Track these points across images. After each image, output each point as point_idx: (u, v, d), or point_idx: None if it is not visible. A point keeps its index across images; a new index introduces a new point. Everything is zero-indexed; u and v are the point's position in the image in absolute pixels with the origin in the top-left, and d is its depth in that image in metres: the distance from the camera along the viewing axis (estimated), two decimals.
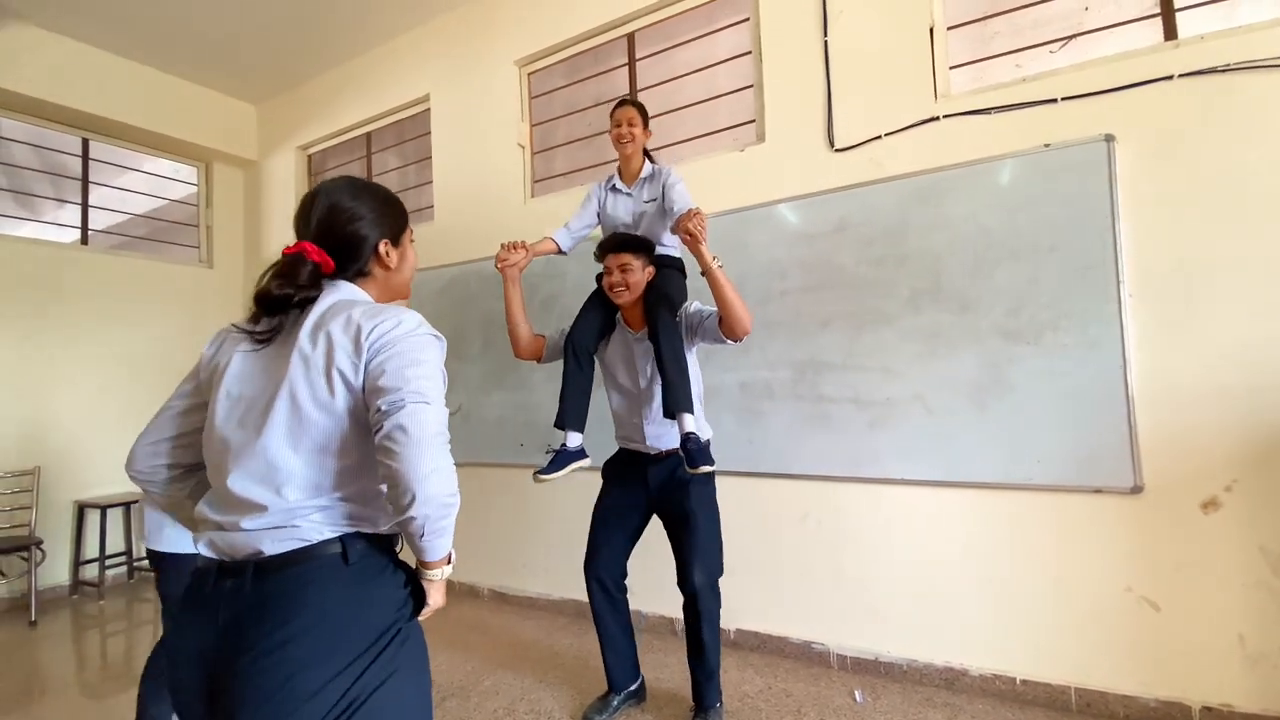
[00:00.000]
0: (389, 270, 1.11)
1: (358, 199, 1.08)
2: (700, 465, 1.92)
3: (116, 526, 4.16)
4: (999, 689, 2.30)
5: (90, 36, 4.02)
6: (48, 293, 4.03)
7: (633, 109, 2.25)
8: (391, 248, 1.11)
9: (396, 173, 4.41)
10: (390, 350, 0.95)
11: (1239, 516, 2.00)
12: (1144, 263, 2.13)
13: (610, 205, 2.33)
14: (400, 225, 1.14)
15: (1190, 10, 2.19)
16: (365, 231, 1.07)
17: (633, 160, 2.29)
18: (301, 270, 1.00)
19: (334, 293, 1.03)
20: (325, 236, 1.04)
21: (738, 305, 1.91)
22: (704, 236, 1.85)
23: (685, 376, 2.01)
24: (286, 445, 0.93)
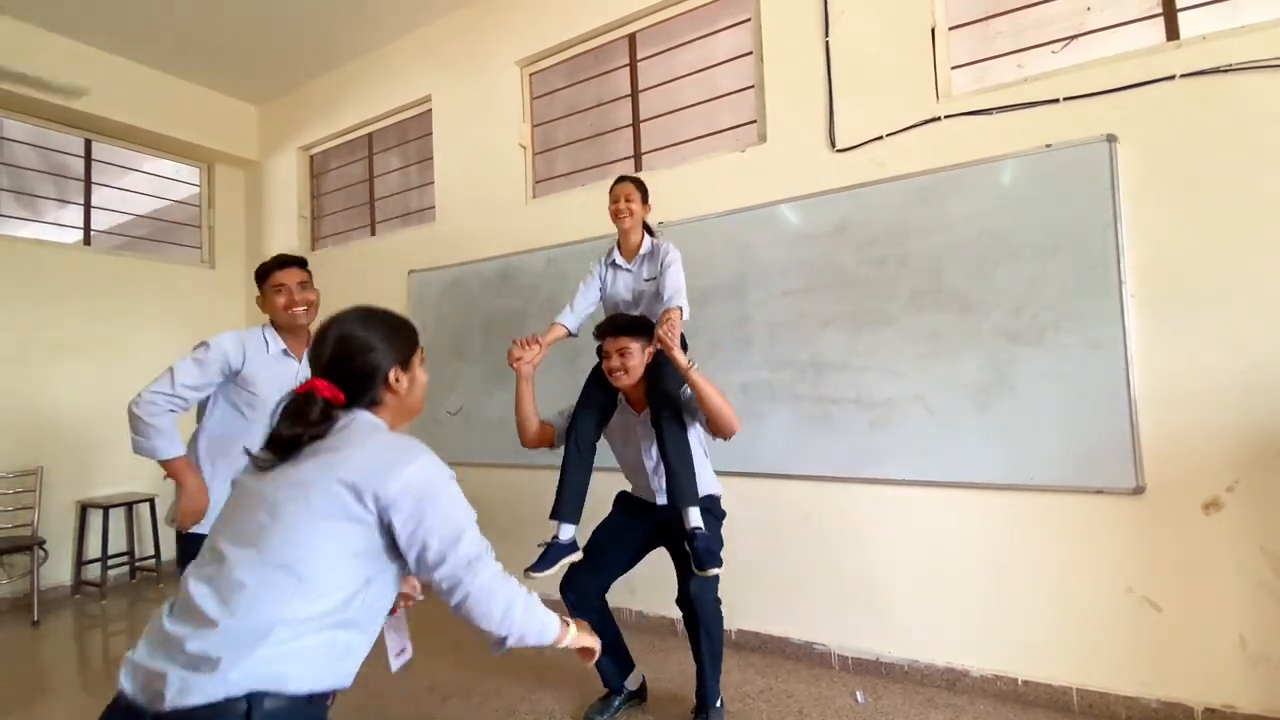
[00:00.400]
0: (400, 395, 1.14)
1: (369, 329, 1.12)
2: (708, 568, 1.87)
3: (119, 526, 4.16)
4: (1000, 690, 2.30)
5: (92, 37, 4.02)
6: (50, 293, 4.03)
7: (631, 185, 2.23)
8: (402, 373, 1.14)
9: (398, 173, 4.42)
10: (418, 507, 0.98)
11: (1240, 517, 2.00)
12: (1146, 263, 2.12)
13: (611, 282, 2.31)
14: (410, 349, 1.17)
15: (1192, 10, 2.19)
16: (376, 362, 1.10)
17: (631, 235, 2.26)
18: (312, 409, 1.03)
19: (348, 422, 1.06)
20: (337, 369, 1.09)
21: (721, 408, 1.90)
22: (674, 342, 1.85)
23: (690, 468, 1.98)
24: (256, 564, 0.92)
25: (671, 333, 1.86)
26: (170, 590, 4.07)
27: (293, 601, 0.91)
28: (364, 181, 4.60)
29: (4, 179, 4.07)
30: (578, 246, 3.33)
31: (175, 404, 1.83)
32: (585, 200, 3.38)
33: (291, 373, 1.98)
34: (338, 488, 0.96)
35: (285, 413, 1.04)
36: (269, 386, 1.92)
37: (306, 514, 0.95)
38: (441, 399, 3.83)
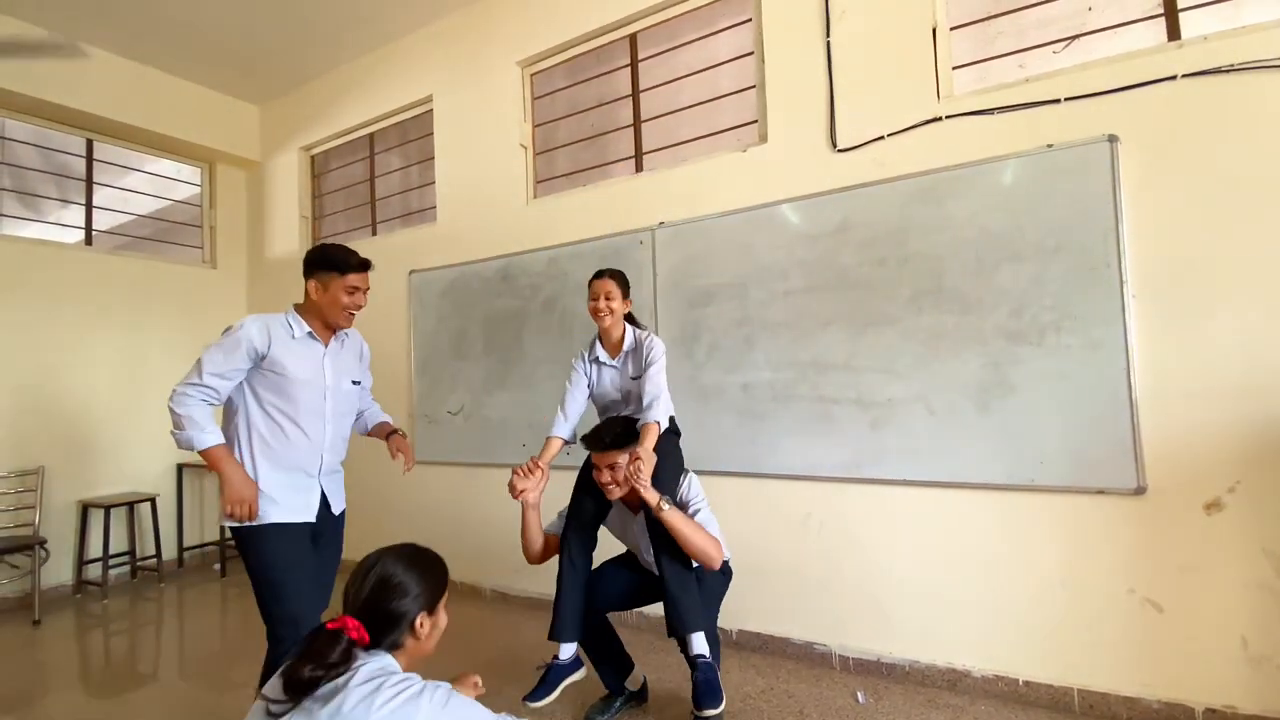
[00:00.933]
0: (419, 641, 1.17)
1: (409, 572, 1.16)
2: (707, 709, 1.73)
3: (120, 526, 4.17)
4: (1001, 690, 2.30)
5: (94, 38, 4.03)
6: (52, 293, 4.04)
7: (610, 281, 2.17)
8: (427, 618, 1.17)
9: (399, 173, 4.42)
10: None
11: (1242, 518, 2.00)
12: (1147, 263, 2.12)
13: (597, 379, 2.26)
14: (439, 593, 1.21)
15: (1193, 10, 2.19)
16: (407, 608, 1.14)
17: (613, 331, 2.21)
18: (334, 649, 1.03)
19: (366, 663, 1.06)
20: (371, 610, 1.11)
21: (696, 546, 1.84)
22: (641, 479, 1.79)
23: (692, 593, 1.87)
24: None
25: (639, 474, 1.79)
26: (170, 591, 4.08)
27: None
28: (365, 181, 4.60)
29: (6, 179, 4.08)
30: (578, 246, 3.33)
31: (206, 394, 1.81)
32: (586, 200, 3.38)
33: (318, 355, 1.95)
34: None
35: (306, 652, 1.03)
36: (297, 365, 1.89)
37: None
38: (442, 399, 3.84)
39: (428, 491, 3.84)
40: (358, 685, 1.00)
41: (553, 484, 2.19)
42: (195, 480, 4.67)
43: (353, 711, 0.98)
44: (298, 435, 1.89)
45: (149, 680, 2.81)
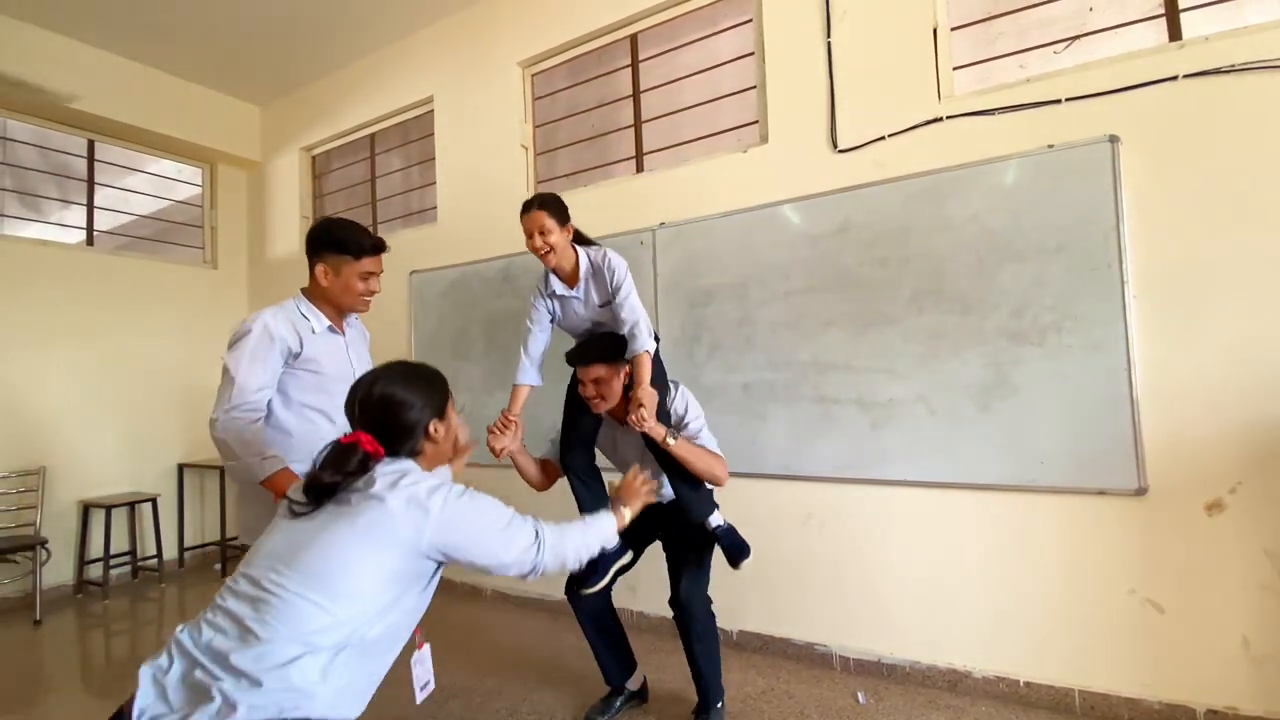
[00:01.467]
0: (437, 444, 1.25)
1: (409, 387, 1.21)
2: (741, 561, 1.94)
3: (121, 526, 4.17)
4: (1002, 691, 2.30)
5: (95, 38, 4.03)
6: (53, 293, 4.04)
7: (539, 213, 1.99)
8: (439, 423, 1.24)
9: (400, 174, 4.42)
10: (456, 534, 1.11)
11: (1243, 519, 2.00)
12: (1148, 264, 2.12)
13: (562, 313, 2.13)
14: (445, 399, 1.28)
15: (1195, 11, 2.19)
16: (416, 418, 1.20)
17: (563, 265, 2.05)
18: (351, 460, 1.10)
19: (389, 468, 1.13)
20: (379, 426, 1.17)
21: (704, 470, 1.91)
22: (648, 420, 1.79)
23: (698, 485, 1.97)
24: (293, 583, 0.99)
25: (642, 417, 1.77)
26: (171, 591, 4.08)
27: (323, 619, 0.98)
28: (366, 182, 4.60)
29: (7, 179, 4.08)
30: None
31: (254, 412, 1.64)
32: (587, 200, 3.38)
33: (341, 347, 1.85)
34: (383, 530, 1.04)
35: (326, 461, 1.11)
36: (329, 360, 1.77)
37: (348, 539, 1.03)
38: None
39: None
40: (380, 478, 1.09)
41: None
42: (196, 480, 4.68)
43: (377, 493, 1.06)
44: (330, 431, 1.75)
45: None
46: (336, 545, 1.02)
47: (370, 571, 1.03)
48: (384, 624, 1.07)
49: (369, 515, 1.04)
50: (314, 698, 0.96)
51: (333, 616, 0.99)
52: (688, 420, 2.03)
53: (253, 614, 0.97)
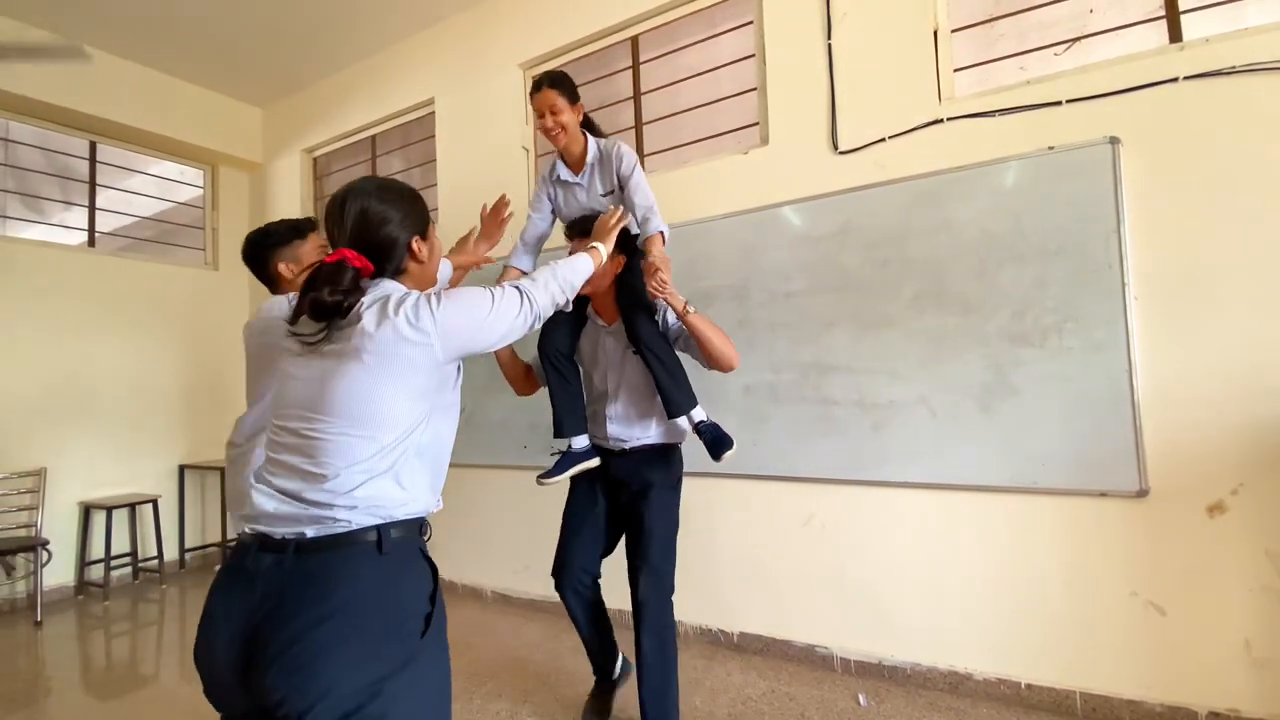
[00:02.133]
0: (422, 264, 1.20)
1: (386, 201, 1.14)
2: (723, 453, 1.92)
3: (121, 527, 4.17)
4: (1003, 693, 2.29)
5: (97, 40, 4.04)
6: (55, 294, 4.05)
7: (550, 92, 1.95)
8: (422, 242, 1.18)
9: (401, 176, 4.42)
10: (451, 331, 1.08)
11: (1245, 521, 1.99)
12: (1150, 266, 2.12)
13: (563, 201, 2.13)
14: (426, 219, 1.21)
15: (1195, 13, 2.19)
16: (398, 233, 1.14)
17: (571, 148, 2.03)
18: (345, 276, 1.05)
19: (376, 290, 1.10)
20: (361, 241, 1.11)
21: (719, 345, 1.89)
22: (669, 284, 1.77)
23: (680, 376, 1.95)
24: (332, 423, 1.01)
25: (665, 279, 1.75)
26: (172, 592, 4.08)
27: (372, 446, 1.01)
28: None
29: (9, 181, 4.09)
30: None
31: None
32: None
33: None
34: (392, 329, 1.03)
35: (320, 279, 1.05)
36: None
37: (366, 373, 1.02)
38: None
39: None
40: (367, 311, 1.05)
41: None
42: (197, 482, 4.67)
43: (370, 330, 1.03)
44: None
45: (150, 681, 2.82)
46: (357, 385, 1.01)
47: (399, 396, 1.04)
48: (431, 430, 1.11)
49: (375, 353, 1.02)
50: (402, 504, 1.04)
51: (379, 443, 1.01)
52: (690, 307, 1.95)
53: (307, 460, 1.00)
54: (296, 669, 0.89)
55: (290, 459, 1.02)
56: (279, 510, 0.99)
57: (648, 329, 1.95)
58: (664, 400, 1.94)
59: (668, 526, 2.02)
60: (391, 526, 1.02)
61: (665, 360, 1.94)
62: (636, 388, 2.04)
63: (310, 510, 0.98)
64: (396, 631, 0.97)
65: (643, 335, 1.94)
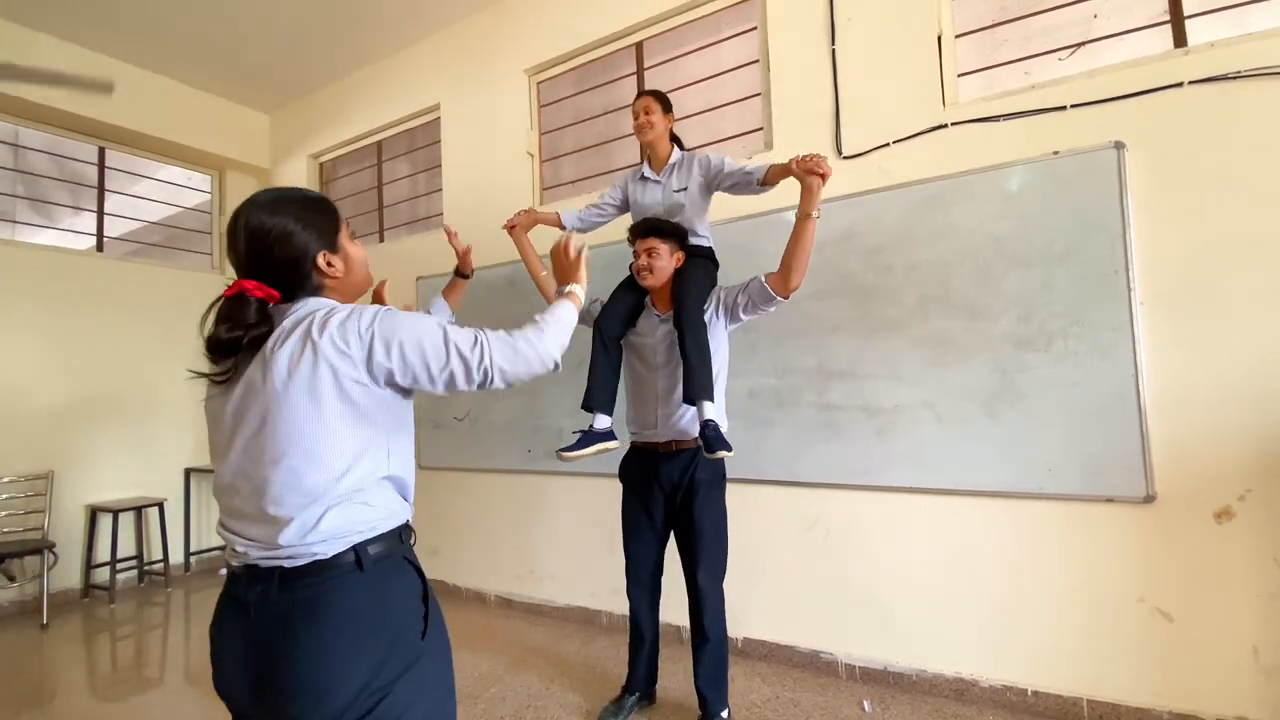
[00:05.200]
0: (339, 279, 1.07)
1: (277, 214, 1.01)
2: (718, 450, 1.93)
3: (128, 531, 4.19)
4: (1010, 700, 2.28)
5: (106, 47, 4.08)
6: (63, 299, 4.08)
7: (648, 97, 2.27)
8: (332, 255, 1.05)
9: (407, 180, 4.45)
10: (390, 345, 0.97)
11: (1253, 526, 1.98)
12: (1156, 270, 2.11)
13: (639, 194, 2.34)
14: (333, 228, 1.08)
15: (1200, 18, 2.19)
16: (297, 250, 1.01)
17: (658, 147, 2.30)
18: (246, 310, 0.96)
19: (298, 309, 1.00)
20: (259, 266, 1.00)
21: (808, 255, 1.95)
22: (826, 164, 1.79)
23: (707, 363, 2.01)
24: (278, 464, 0.94)
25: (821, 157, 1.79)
26: (177, 595, 4.09)
27: (321, 476, 0.95)
28: (373, 188, 4.64)
29: (20, 186, 4.13)
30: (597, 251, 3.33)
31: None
32: None
33: None
34: (320, 370, 0.94)
35: (219, 317, 0.97)
36: None
37: (297, 397, 0.93)
38: (448, 405, 3.85)
39: (433, 497, 3.85)
40: (294, 323, 0.97)
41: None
42: (203, 485, 4.69)
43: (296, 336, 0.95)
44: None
45: (155, 685, 2.82)
46: (290, 420, 0.93)
47: (336, 424, 0.95)
48: (385, 451, 1.03)
49: (300, 384, 0.93)
50: (372, 522, 1.01)
51: (331, 473, 0.95)
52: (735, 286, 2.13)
53: (262, 505, 0.95)
54: (308, 692, 0.91)
55: (245, 506, 0.97)
56: (256, 555, 0.98)
57: (694, 310, 2.05)
58: (686, 377, 2.00)
59: (717, 520, 2.13)
60: (368, 544, 1.00)
61: (699, 339, 2.02)
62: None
63: (283, 550, 0.95)
64: (398, 641, 0.98)
65: (688, 311, 2.03)
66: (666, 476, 2.15)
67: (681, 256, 2.14)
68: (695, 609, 2.11)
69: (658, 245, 2.09)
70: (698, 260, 2.18)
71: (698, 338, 2.01)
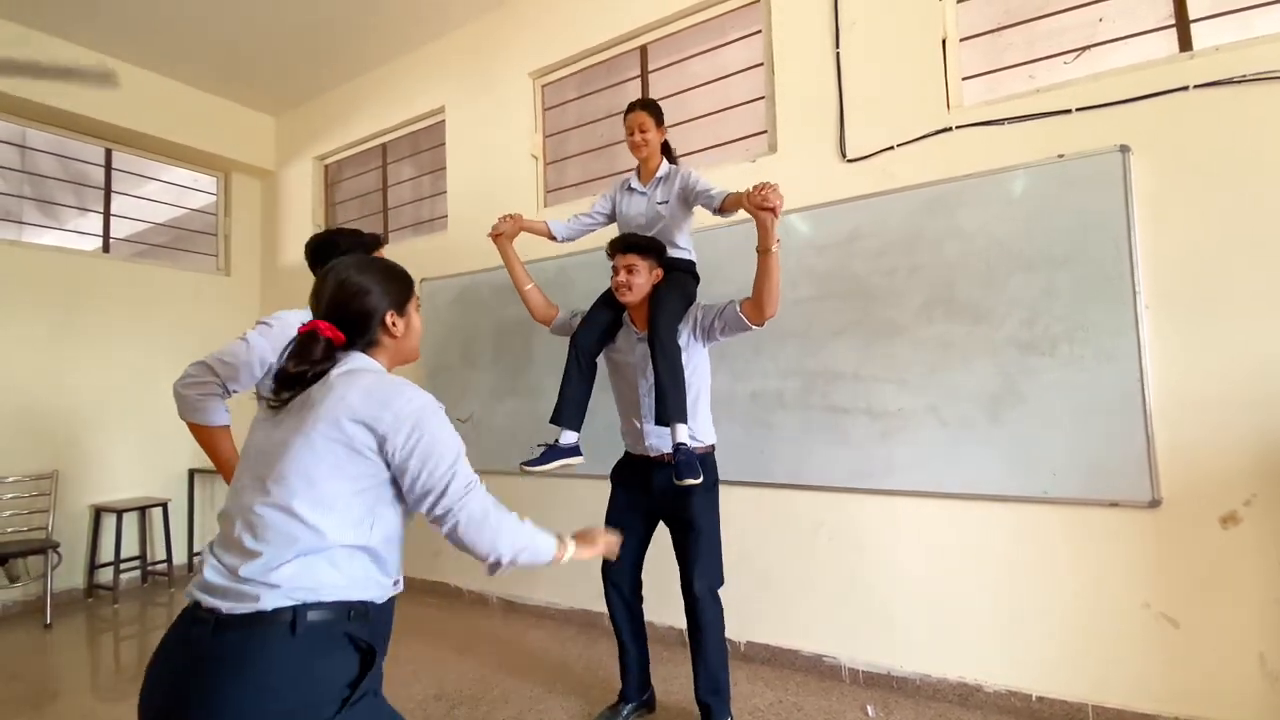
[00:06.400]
0: (396, 339, 1.21)
1: (364, 274, 1.18)
2: (685, 478, 1.89)
3: (132, 531, 4.20)
4: (1014, 706, 2.27)
5: (112, 48, 4.11)
6: (69, 299, 4.10)
7: (643, 113, 2.24)
8: (397, 317, 1.20)
9: (411, 183, 4.46)
10: (411, 436, 1.06)
11: (1259, 531, 1.97)
12: (1160, 274, 2.11)
13: (625, 204, 2.34)
14: (405, 295, 1.23)
15: (1205, 21, 2.18)
16: (373, 305, 1.16)
17: (649, 161, 2.30)
18: (315, 347, 1.11)
19: (347, 362, 1.13)
20: (336, 312, 1.15)
21: (778, 286, 1.92)
22: (778, 195, 1.76)
23: (679, 385, 1.99)
24: (277, 500, 1.01)
25: (780, 199, 1.74)
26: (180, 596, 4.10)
27: (309, 524, 1.00)
28: (377, 191, 4.65)
29: (26, 187, 4.15)
30: (588, 256, 3.34)
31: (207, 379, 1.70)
32: None
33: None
34: (341, 422, 1.03)
35: (291, 353, 1.11)
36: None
37: (314, 451, 1.02)
38: (451, 406, 3.84)
39: None
40: (339, 374, 1.09)
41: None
42: (207, 485, 4.70)
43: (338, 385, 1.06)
44: None
45: None
46: (304, 461, 1.02)
47: (341, 483, 1.03)
48: (372, 527, 1.07)
49: (328, 406, 1.03)
50: (333, 586, 1.02)
51: (317, 526, 1.01)
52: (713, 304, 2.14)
53: (249, 535, 1.01)
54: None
55: (235, 532, 1.02)
56: (214, 581, 1.00)
57: (667, 332, 2.03)
58: (658, 399, 1.99)
59: (712, 524, 2.11)
60: (310, 608, 0.99)
61: (672, 361, 2.00)
62: None
63: (236, 585, 0.98)
64: (300, 715, 0.96)
65: (660, 330, 2.02)
66: (657, 482, 2.12)
67: (660, 273, 2.12)
68: (692, 618, 2.07)
69: (636, 262, 2.07)
70: (676, 276, 2.17)
71: (669, 360, 1.99)
